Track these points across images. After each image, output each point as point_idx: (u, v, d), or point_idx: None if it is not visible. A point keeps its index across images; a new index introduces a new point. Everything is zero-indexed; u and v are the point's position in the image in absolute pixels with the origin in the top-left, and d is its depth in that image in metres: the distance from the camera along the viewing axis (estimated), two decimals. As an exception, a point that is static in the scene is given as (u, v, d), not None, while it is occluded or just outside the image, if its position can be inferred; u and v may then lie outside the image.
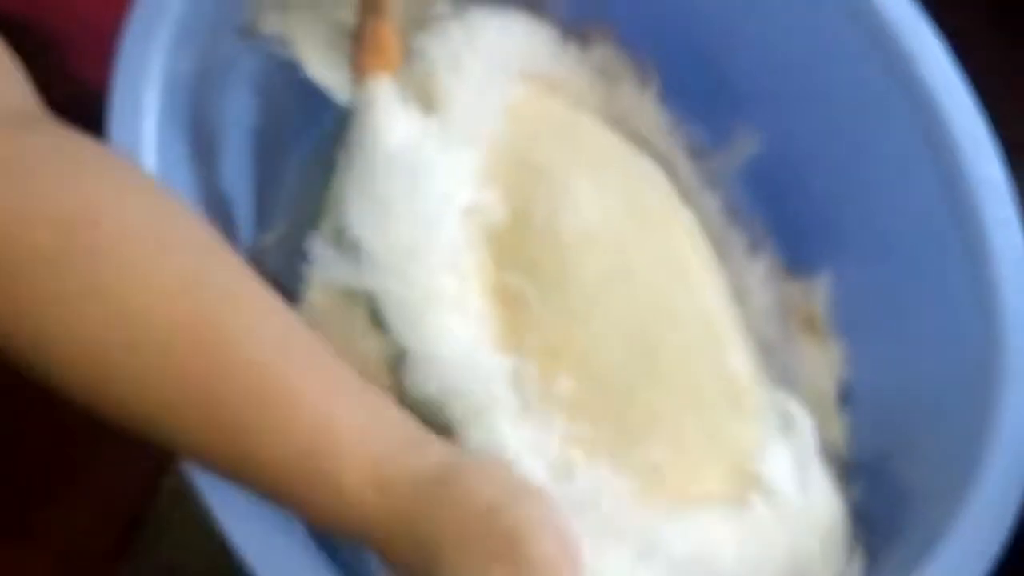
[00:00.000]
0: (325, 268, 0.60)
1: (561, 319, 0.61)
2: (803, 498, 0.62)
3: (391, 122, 0.62)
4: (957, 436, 0.63)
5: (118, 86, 0.60)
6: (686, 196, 0.72)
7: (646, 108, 0.74)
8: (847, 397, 0.73)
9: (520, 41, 0.69)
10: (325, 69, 0.67)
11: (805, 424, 0.64)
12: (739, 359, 0.64)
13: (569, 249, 0.63)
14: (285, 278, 0.62)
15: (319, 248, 0.60)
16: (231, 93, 0.68)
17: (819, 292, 0.74)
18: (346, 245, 0.60)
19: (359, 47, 0.64)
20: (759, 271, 0.72)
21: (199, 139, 0.65)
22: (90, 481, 0.77)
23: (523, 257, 0.62)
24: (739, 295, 0.70)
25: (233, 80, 0.68)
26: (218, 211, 0.67)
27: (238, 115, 0.69)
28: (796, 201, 0.75)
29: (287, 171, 0.70)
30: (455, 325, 0.59)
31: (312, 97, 0.67)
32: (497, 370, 0.59)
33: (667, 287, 0.64)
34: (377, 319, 0.60)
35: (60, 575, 0.76)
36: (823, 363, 0.73)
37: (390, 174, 0.60)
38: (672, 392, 0.62)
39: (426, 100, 0.64)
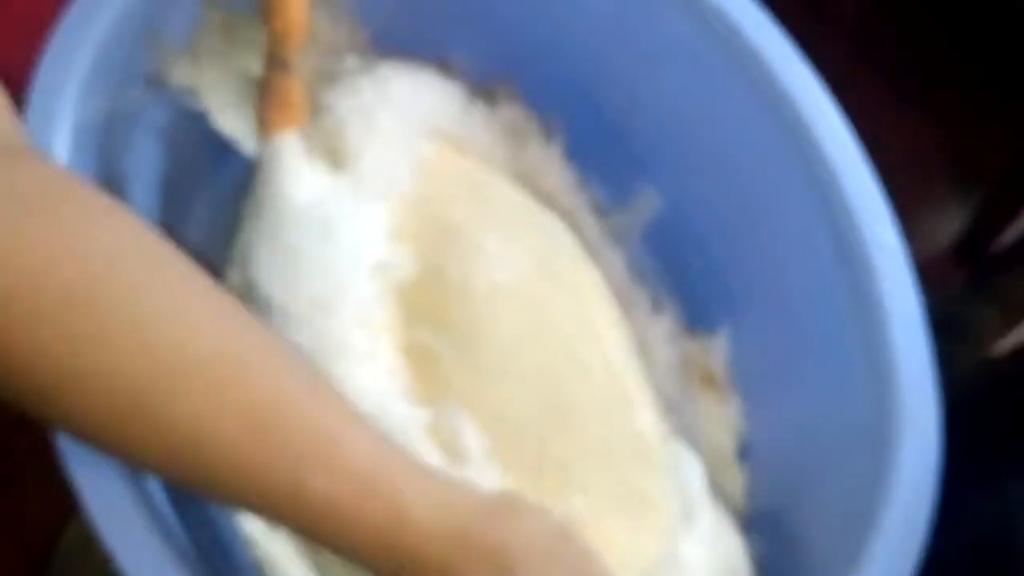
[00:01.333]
0: None
1: (473, 375, 0.61)
2: (697, 543, 0.63)
3: (297, 177, 0.62)
4: (853, 491, 0.64)
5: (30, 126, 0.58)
6: (591, 253, 0.73)
7: (552, 166, 0.75)
8: (745, 452, 0.74)
9: (429, 98, 0.70)
10: (232, 120, 0.67)
11: (694, 470, 0.65)
12: (646, 415, 0.65)
13: (481, 305, 0.63)
14: None
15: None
16: (138, 141, 0.67)
17: (718, 350, 0.75)
18: (255, 299, 0.60)
19: (265, 101, 0.64)
20: (662, 328, 0.74)
21: (105, 188, 0.61)
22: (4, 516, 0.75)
23: (434, 313, 0.62)
24: (643, 351, 0.71)
25: (140, 129, 0.67)
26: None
27: (144, 164, 0.68)
28: (696, 261, 0.77)
29: (192, 222, 0.69)
30: (367, 379, 0.59)
31: (218, 148, 0.67)
32: (412, 421, 0.59)
33: (577, 344, 0.65)
34: None
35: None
36: (722, 418, 0.74)
37: (299, 229, 0.60)
38: (583, 446, 0.62)
39: (335, 155, 0.64)
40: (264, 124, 0.64)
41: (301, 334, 0.59)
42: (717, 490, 0.71)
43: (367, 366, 0.59)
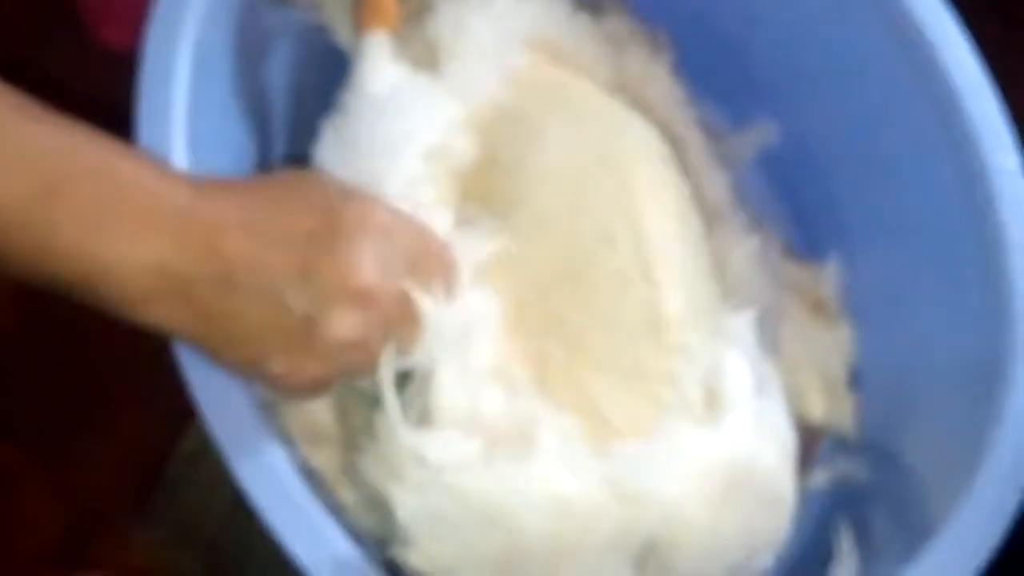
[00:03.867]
0: None
1: (504, 241, 0.63)
2: (712, 431, 0.62)
3: (378, 73, 0.63)
4: (963, 422, 0.64)
5: (149, 51, 0.60)
6: (689, 166, 0.72)
7: (656, 79, 0.74)
8: (856, 379, 0.73)
9: (532, 8, 0.70)
10: (345, 30, 0.67)
11: (740, 372, 0.64)
12: (670, 298, 0.64)
13: (527, 182, 0.64)
14: None
15: None
16: (266, 61, 0.69)
17: (829, 276, 0.75)
18: None
19: (359, 4, 0.65)
20: (751, 248, 0.72)
21: (233, 106, 0.66)
22: (111, 435, 0.78)
23: (484, 190, 0.64)
24: (721, 264, 0.71)
25: (269, 48, 0.69)
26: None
27: (273, 82, 0.69)
28: (809, 186, 0.76)
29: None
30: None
31: (343, 64, 0.67)
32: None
33: (613, 228, 0.65)
34: None
35: (77, 526, 0.77)
36: (832, 346, 0.73)
37: (367, 112, 0.62)
38: (596, 315, 0.63)
39: (426, 60, 0.65)
40: (357, 26, 0.65)
41: None
42: (829, 423, 0.72)
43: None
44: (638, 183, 0.67)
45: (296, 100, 0.71)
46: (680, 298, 0.64)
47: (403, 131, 0.62)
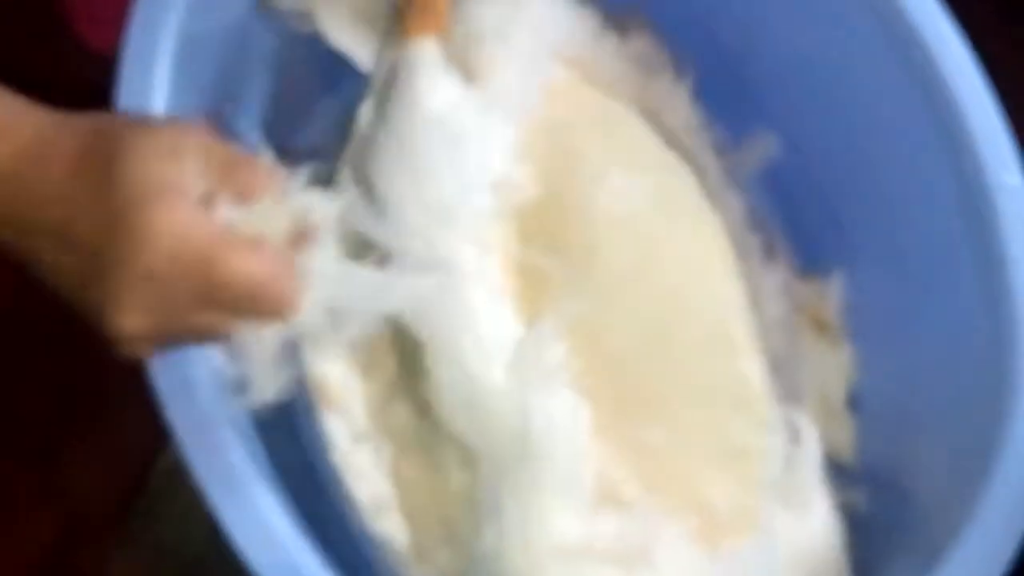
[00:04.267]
0: (351, 216, 0.55)
1: (580, 300, 0.60)
2: (802, 517, 0.62)
3: (432, 83, 0.61)
4: (966, 445, 0.63)
5: (130, 49, 0.58)
6: (711, 195, 0.71)
7: (678, 103, 0.73)
8: (856, 402, 0.72)
9: (563, 22, 0.68)
10: (348, 38, 0.66)
11: (812, 443, 0.64)
12: (752, 367, 0.64)
13: (597, 234, 0.62)
14: None
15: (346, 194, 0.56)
16: (247, 65, 0.67)
17: (831, 294, 0.73)
18: (371, 200, 0.59)
19: (409, 5, 0.63)
20: (775, 278, 0.72)
21: (213, 106, 0.63)
22: (96, 443, 0.77)
23: (550, 236, 0.62)
24: (755, 304, 0.70)
25: (249, 48, 0.67)
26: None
27: (254, 87, 0.68)
28: (811, 203, 0.74)
29: (304, 141, 0.69)
30: (473, 293, 0.59)
31: (328, 70, 0.66)
32: (512, 338, 0.58)
33: (688, 285, 0.64)
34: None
35: (63, 538, 0.76)
36: (833, 367, 0.72)
37: (427, 134, 0.59)
38: (680, 386, 0.61)
39: (469, 68, 0.63)
40: (406, 28, 0.63)
41: (414, 240, 0.57)
42: (826, 447, 0.70)
43: (475, 280, 0.58)
44: (703, 235, 0.66)
45: (277, 101, 0.69)
46: (760, 364, 0.64)
47: (472, 161, 0.60)
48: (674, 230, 0.65)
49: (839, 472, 0.69)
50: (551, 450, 0.56)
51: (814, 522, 0.61)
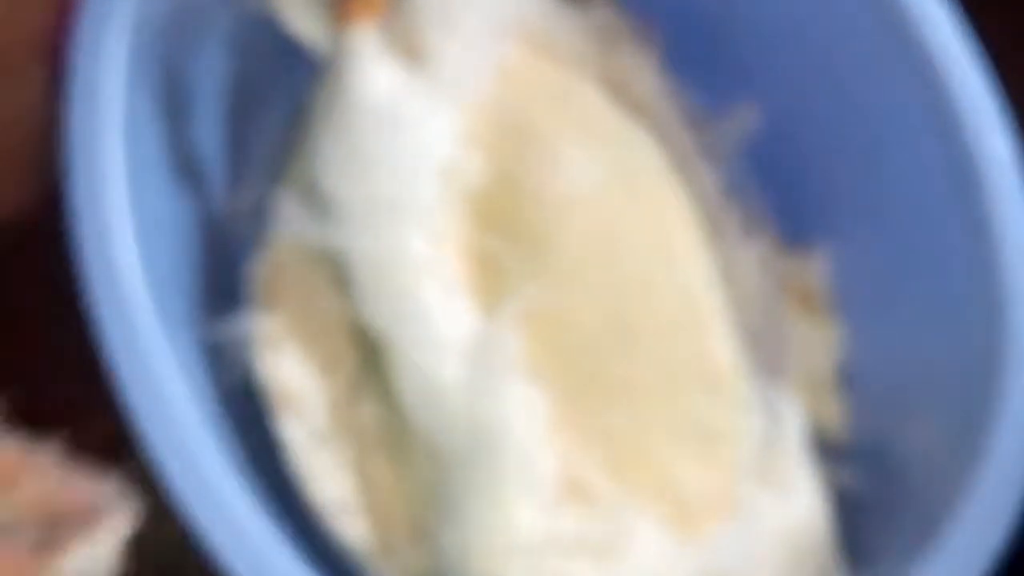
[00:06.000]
0: (290, 223, 0.58)
1: (538, 284, 0.60)
2: (784, 499, 0.61)
3: (372, 72, 0.59)
4: (958, 420, 0.62)
5: (83, 35, 0.57)
6: (681, 168, 0.70)
7: (645, 74, 0.72)
8: (844, 379, 0.71)
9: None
10: (304, 22, 0.64)
11: (794, 421, 0.64)
12: (722, 345, 0.63)
13: (553, 214, 0.61)
14: (258, 240, 0.61)
15: (286, 203, 0.59)
16: (203, 45, 0.66)
17: (817, 268, 0.72)
18: (317, 198, 0.59)
19: None
20: (753, 254, 0.71)
21: (168, 94, 0.63)
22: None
23: (504, 221, 0.61)
24: (729, 279, 0.68)
25: (205, 32, 0.66)
26: (189, 171, 0.65)
27: (210, 69, 0.66)
28: (795, 175, 0.74)
29: (262, 129, 0.67)
30: (428, 286, 0.58)
31: (288, 53, 0.65)
32: (467, 331, 0.58)
33: (651, 263, 0.63)
34: (340, 281, 0.58)
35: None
36: (820, 343, 0.71)
37: (369, 125, 0.58)
38: (646, 368, 0.60)
39: (412, 53, 0.62)
40: (341, 14, 0.61)
41: (364, 235, 0.57)
42: (815, 426, 0.69)
43: (429, 272, 0.57)
44: (666, 212, 0.65)
45: (238, 90, 0.68)
46: (729, 342, 0.63)
47: (417, 150, 0.59)
48: (634, 205, 0.64)
49: (829, 450, 0.69)
50: (507, 444, 0.55)
51: (798, 502, 0.61)
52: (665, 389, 0.60)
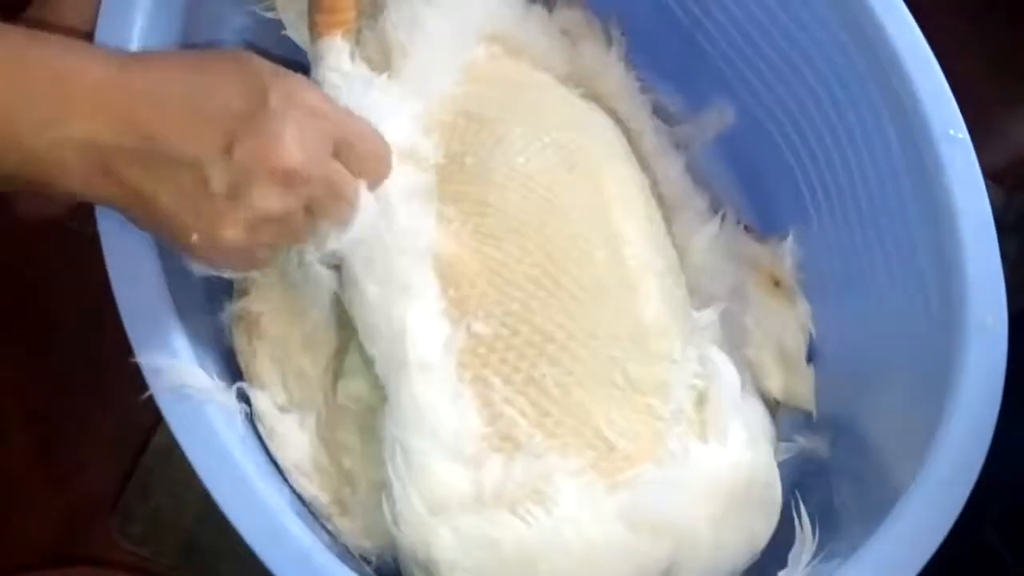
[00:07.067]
0: None
1: (477, 237, 0.63)
2: (718, 448, 0.63)
3: (338, 77, 0.63)
4: (919, 394, 0.64)
5: (102, 30, 0.60)
6: (643, 157, 0.73)
7: (609, 69, 0.75)
8: (814, 354, 0.74)
9: (485, 2, 0.71)
10: (298, 29, 0.69)
11: (730, 380, 0.65)
12: (649, 305, 0.65)
13: (494, 187, 0.64)
14: None
15: None
16: (217, 44, 0.69)
17: (787, 253, 0.75)
18: None
19: (314, 5, 0.65)
20: (714, 234, 0.74)
21: None
22: (96, 431, 0.79)
23: (451, 191, 0.64)
24: (682, 252, 0.71)
25: (219, 32, 0.69)
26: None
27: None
28: (765, 165, 0.77)
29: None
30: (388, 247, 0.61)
31: (297, 55, 0.68)
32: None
33: (585, 231, 0.65)
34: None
35: (65, 526, 0.78)
36: (791, 322, 0.74)
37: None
38: (580, 331, 0.62)
39: (383, 57, 0.65)
40: (312, 27, 0.65)
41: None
42: (788, 398, 0.73)
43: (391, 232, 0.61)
44: (605, 184, 0.67)
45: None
46: (657, 302, 0.65)
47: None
48: (575, 180, 0.66)
49: (801, 421, 0.73)
50: (415, 412, 0.59)
51: (732, 451, 0.62)
52: (591, 342, 0.62)
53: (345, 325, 0.64)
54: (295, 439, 0.62)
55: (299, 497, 0.62)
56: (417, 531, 0.57)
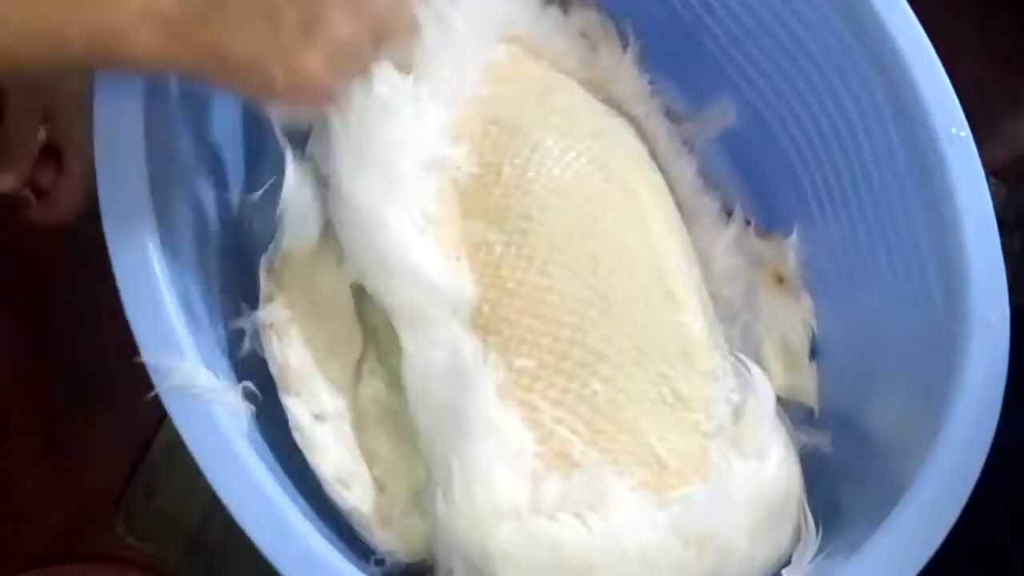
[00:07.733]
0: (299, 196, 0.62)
1: (522, 265, 0.63)
2: (756, 463, 0.63)
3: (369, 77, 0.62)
4: (922, 391, 0.64)
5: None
6: (660, 160, 0.73)
7: (624, 72, 0.75)
8: (817, 350, 0.74)
9: (503, 3, 0.71)
10: None
11: (765, 391, 0.65)
12: (693, 318, 0.65)
13: (534, 200, 0.64)
14: (270, 235, 0.64)
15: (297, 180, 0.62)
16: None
17: (790, 250, 0.75)
18: (332, 189, 0.63)
19: None
20: (728, 237, 0.74)
21: (189, 93, 0.66)
22: (103, 429, 0.79)
23: (490, 207, 0.64)
24: (705, 259, 0.72)
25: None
26: (208, 166, 0.69)
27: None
28: (769, 162, 0.77)
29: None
30: (421, 267, 0.61)
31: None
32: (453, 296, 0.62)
33: (627, 242, 0.65)
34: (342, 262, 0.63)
35: (70, 523, 0.79)
36: (794, 318, 0.74)
37: (367, 124, 0.62)
38: (622, 341, 0.63)
39: (407, 58, 0.65)
40: None
41: (362, 226, 0.61)
42: (790, 394, 0.73)
43: (421, 255, 0.61)
44: (640, 193, 0.67)
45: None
46: (701, 315, 0.65)
47: (406, 144, 0.62)
48: (611, 191, 0.67)
49: (804, 417, 0.72)
50: (482, 423, 0.59)
51: (769, 466, 0.62)
52: (641, 359, 0.63)
53: (365, 328, 0.64)
54: (332, 449, 0.62)
55: (320, 505, 0.61)
56: (477, 527, 0.57)
